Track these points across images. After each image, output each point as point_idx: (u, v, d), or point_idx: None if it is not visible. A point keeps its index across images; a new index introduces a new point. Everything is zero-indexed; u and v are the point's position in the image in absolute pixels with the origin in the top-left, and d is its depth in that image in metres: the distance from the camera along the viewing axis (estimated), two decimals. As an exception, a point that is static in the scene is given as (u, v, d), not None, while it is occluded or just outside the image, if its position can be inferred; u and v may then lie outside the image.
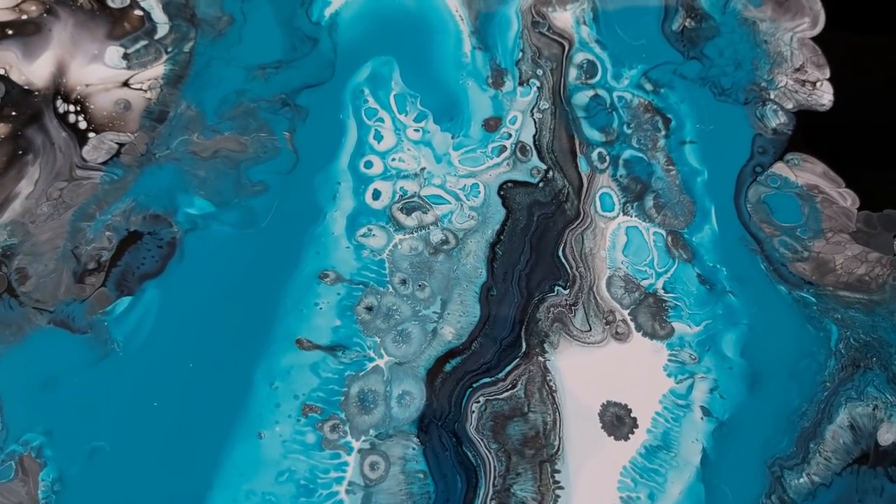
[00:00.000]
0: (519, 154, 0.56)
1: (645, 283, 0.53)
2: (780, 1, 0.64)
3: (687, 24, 0.63)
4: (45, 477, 0.45)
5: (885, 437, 0.50)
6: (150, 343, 0.48)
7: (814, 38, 0.63)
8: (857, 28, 0.65)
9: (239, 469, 0.45)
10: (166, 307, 0.49)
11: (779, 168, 0.58)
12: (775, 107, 0.60)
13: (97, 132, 0.53)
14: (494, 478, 0.46)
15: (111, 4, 0.57)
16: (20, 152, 0.52)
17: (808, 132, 0.59)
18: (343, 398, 0.47)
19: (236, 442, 0.46)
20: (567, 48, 0.60)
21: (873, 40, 0.65)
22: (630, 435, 0.48)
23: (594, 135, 0.57)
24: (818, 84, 0.61)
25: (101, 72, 0.55)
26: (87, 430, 0.46)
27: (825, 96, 0.61)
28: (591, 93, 0.59)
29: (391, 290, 0.51)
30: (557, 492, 0.46)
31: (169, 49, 0.56)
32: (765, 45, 0.62)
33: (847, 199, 0.57)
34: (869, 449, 0.50)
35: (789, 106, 0.60)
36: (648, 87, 0.59)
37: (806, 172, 0.58)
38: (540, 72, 0.59)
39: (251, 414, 0.46)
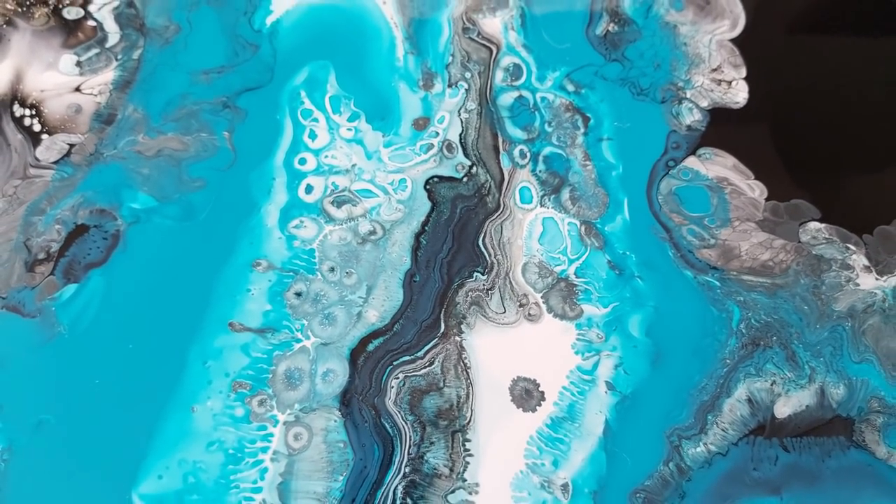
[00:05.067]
0: (445, 151, 0.60)
1: (558, 269, 0.57)
2: (701, 4, 0.68)
3: (610, 28, 0.66)
4: (-5, 447, 0.49)
5: (782, 410, 0.54)
6: (93, 326, 0.52)
7: (732, 40, 0.67)
8: (775, 29, 0.68)
9: (172, 440, 0.49)
10: (109, 293, 0.53)
11: (691, 162, 0.61)
12: (691, 105, 0.64)
13: (50, 134, 0.58)
14: (409, 446, 0.51)
15: (66, 16, 0.62)
16: (-22, 153, 0.56)
17: (722, 128, 0.63)
18: (271, 375, 0.51)
19: (170, 415, 0.50)
20: (495, 52, 0.64)
21: (790, 41, 0.68)
22: (538, 407, 0.52)
23: (517, 133, 0.61)
24: (734, 83, 0.65)
25: (55, 78, 0.59)
26: (35, 404, 0.50)
27: (740, 94, 0.65)
28: (515, 94, 0.63)
29: (320, 276, 0.55)
30: (467, 459, 0.51)
31: (119, 56, 0.60)
32: (684, 47, 0.66)
33: (755, 189, 0.61)
34: (765, 421, 0.54)
35: (704, 104, 0.64)
36: (570, 87, 0.63)
37: (717, 165, 0.62)
38: (468, 74, 0.63)
39: (185, 390, 0.51)
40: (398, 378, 0.52)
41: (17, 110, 0.58)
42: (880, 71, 0.67)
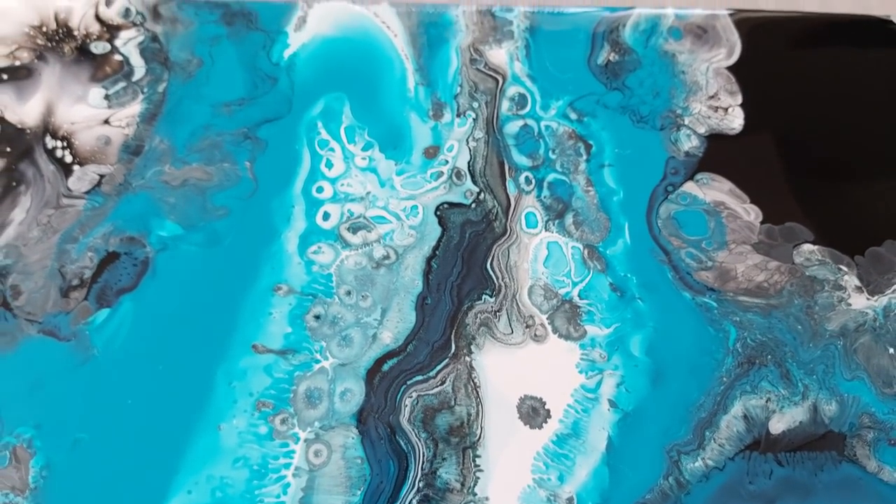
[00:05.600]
0: (455, 178, 0.63)
1: (562, 291, 0.60)
2: (698, 33, 0.71)
3: (611, 57, 0.69)
4: (35, 464, 0.52)
5: (777, 426, 0.57)
6: (125, 349, 0.55)
7: (729, 68, 0.70)
8: (770, 56, 0.71)
9: (201, 456, 0.52)
10: (140, 317, 0.56)
11: (689, 187, 0.64)
12: (689, 131, 0.66)
13: (81, 165, 0.61)
14: (423, 462, 0.54)
15: (94, 50, 0.65)
16: (14, 184, 0.60)
17: (719, 153, 0.66)
18: (292, 395, 0.55)
19: (199, 433, 0.53)
20: (501, 82, 0.67)
21: (785, 67, 0.71)
22: (544, 424, 0.55)
23: (522, 160, 0.64)
24: (730, 110, 0.68)
25: (84, 111, 0.63)
26: (71, 423, 0.53)
27: (736, 121, 0.67)
28: (521, 122, 0.66)
29: (337, 300, 0.58)
30: (478, 474, 0.54)
31: (145, 89, 0.64)
32: (682, 76, 0.69)
33: (751, 213, 0.64)
34: (760, 437, 0.56)
35: (702, 130, 0.66)
36: (573, 116, 0.66)
37: (714, 190, 0.64)
38: (476, 104, 0.66)
39: (212, 409, 0.54)
40: (412, 397, 0.55)
41: (50, 142, 0.61)
42: (874, 97, 0.70)
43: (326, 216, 0.61)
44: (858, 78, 0.71)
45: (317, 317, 0.57)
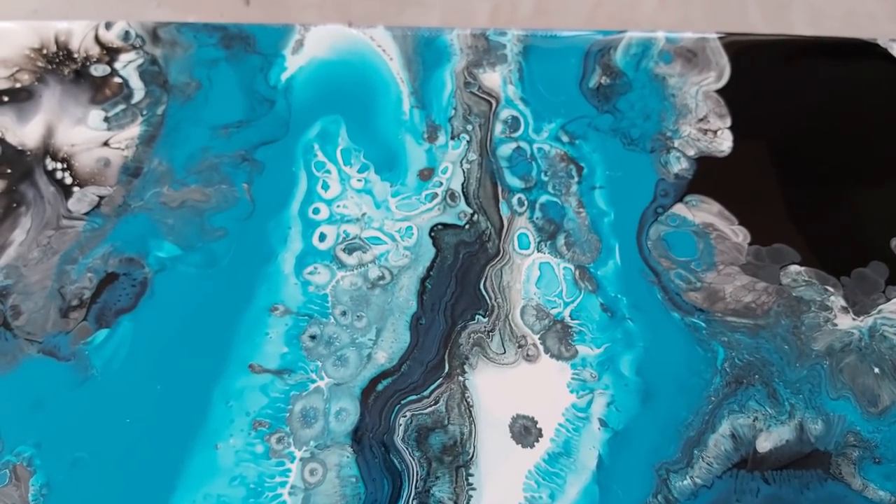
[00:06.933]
0: (449, 200, 0.64)
1: (554, 311, 0.61)
2: (688, 57, 0.73)
3: (602, 81, 0.71)
4: (34, 483, 0.53)
5: (764, 444, 0.58)
6: (124, 368, 0.56)
7: (718, 91, 0.71)
8: (758, 80, 0.72)
9: (198, 475, 0.53)
10: (138, 337, 0.57)
11: (678, 209, 0.65)
12: (678, 154, 0.68)
13: (81, 186, 0.62)
14: (416, 481, 0.54)
15: (93, 73, 0.66)
16: (14, 205, 0.61)
17: (707, 176, 0.67)
18: (288, 414, 0.55)
19: (196, 452, 0.54)
20: (494, 105, 0.68)
21: (773, 90, 0.72)
22: (535, 443, 0.56)
23: (515, 182, 0.66)
24: (719, 132, 0.69)
25: (84, 133, 0.64)
26: (71, 442, 0.54)
27: (725, 143, 0.69)
28: (513, 145, 0.67)
29: (332, 320, 0.59)
30: (470, 493, 0.54)
31: (144, 112, 0.65)
32: (672, 99, 0.70)
33: (739, 234, 0.65)
34: (748, 455, 0.57)
35: (691, 153, 0.68)
36: (565, 138, 0.68)
37: (703, 212, 0.66)
38: (469, 127, 0.67)
39: (209, 428, 0.55)
40: (406, 416, 0.56)
41: (50, 164, 0.62)
42: (861, 120, 0.71)
43: (323, 237, 0.62)
44: (846, 101, 0.72)
45: (312, 337, 0.58)
